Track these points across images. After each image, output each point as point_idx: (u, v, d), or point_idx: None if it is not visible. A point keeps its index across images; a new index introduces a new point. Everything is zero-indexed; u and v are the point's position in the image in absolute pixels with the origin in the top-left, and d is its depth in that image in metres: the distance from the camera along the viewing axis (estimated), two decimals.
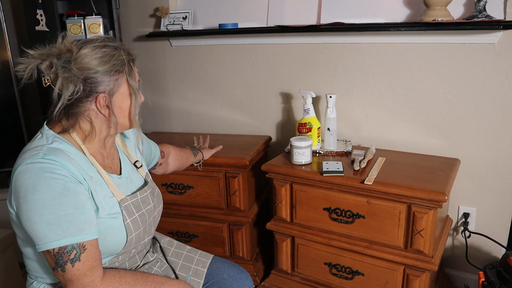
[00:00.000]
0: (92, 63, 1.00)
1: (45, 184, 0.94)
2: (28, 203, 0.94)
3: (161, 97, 2.32)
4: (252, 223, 1.86)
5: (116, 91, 1.04)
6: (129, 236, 1.08)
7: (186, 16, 2.09)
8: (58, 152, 1.00)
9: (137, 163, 1.24)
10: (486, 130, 1.65)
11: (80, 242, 0.96)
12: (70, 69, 0.98)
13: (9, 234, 1.65)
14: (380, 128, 1.86)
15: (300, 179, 1.59)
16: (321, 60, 1.89)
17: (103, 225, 1.03)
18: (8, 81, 2.11)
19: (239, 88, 2.12)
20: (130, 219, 1.09)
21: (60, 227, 0.94)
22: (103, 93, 1.02)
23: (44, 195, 0.94)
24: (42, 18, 1.91)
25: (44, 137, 1.04)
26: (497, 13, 1.51)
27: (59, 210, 0.95)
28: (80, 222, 0.96)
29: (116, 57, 1.03)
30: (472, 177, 1.72)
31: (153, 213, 1.19)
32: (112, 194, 1.08)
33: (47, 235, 0.94)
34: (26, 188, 0.95)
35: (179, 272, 1.27)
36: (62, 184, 0.96)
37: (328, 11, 1.83)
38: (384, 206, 1.45)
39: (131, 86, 1.06)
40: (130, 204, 1.10)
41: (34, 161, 0.96)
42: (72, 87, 0.99)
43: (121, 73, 1.04)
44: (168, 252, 1.31)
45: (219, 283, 1.29)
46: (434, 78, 1.70)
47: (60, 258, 0.95)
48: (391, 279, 1.50)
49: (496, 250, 1.73)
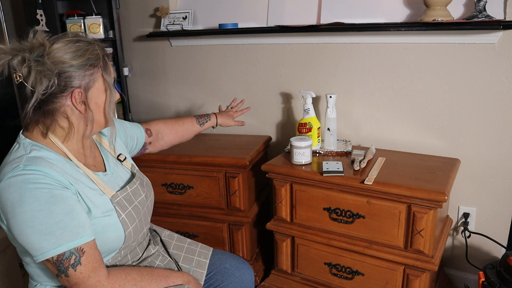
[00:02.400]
0: (66, 57, 0.97)
1: (30, 196, 0.92)
2: (16, 217, 0.93)
3: (161, 97, 2.32)
4: (252, 223, 1.86)
5: (91, 86, 1.02)
6: (126, 230, 1.08)
7: (186, 16, 2.09)
8: (38, 160, 0.97)
9: (121, 156, 1.23)
10: (486, 130, 1.65)
11: (77, 246, 0.95)
12: (44, 62, 0.95)
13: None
14: (380, 128, 1.86)
15: (300, 179, 1.59)
16: (321, 60, 1.89)
17: (99, 224, 1.03)
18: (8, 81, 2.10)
19: (239, 88, 2.12)
20: (124, 213, 1.08)
21: (54, 235, 0.93)
22: (78, 88, 0.99)
23: (31, 207, 0.92)
24: (42, 18, 1.91)
25: (21, 147, 1.01)
26: (497, 13, 1.51)
27: (49, 219, 0.93)
28: (73, 226, 0.95)
29: (90, 51, 1.00)
30: (472, 177, 1.72)
31: (146, 203, 1.19)
32: (102, 192, 1.07)
33: (42, 246, 0.93)
34: (12, 202, 0.93)
35: (182, 264, 1.28)
36: (48, 192, 0.94)
37: (328, 11, 1.83)
38: (384, 206, 1.45)
39: (106, 81, 1.04)
40: (122, 199, 1.10)
41: (15, 173, 0.94)
42: (46, 81, 0.96)
43: (96, 67, 1.02)
44: (170, 245, 1.31)
45: (221, 272, 1.30)
46: (434, 78, 1.70)
47: (61, 265, 0.94)
48: (391, 279, 1.50)
49: (496, 250, 1.73)
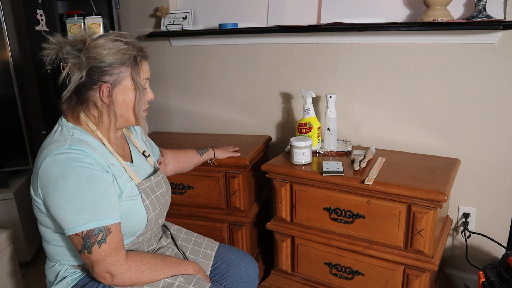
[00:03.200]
0: (101, 54, 1.07)
1: (73, 172, 1.02)
2: (58, 190, 1.01)
3: (161, 97, 2.32)
4: (252, 223, 1.86)
5: (118, 83, 1.10)
6: (148, 215, 1.16)
7: (186, 16, 2.09)
8: (82, 142, 1.07)
9: (145, 153, 1.32)
10: (486, 130, 1.65)
11: (106, 225, 1.03)
12: (79, 56, 1.07)
13: (9, 234, 1.65)
14: (380, 128, 1.86)
15: (300, 179, 1.59)
16: (321, 60, 1.89)
17: (125, 207, 1.11)
18: (8, 81, 2.10)
19: (239, 88, 2.12)
20: (148, 200, 1.17)
21: (88, 211, 1.01)
22: (106, 83, 1.09)
23: (73, 182, 1.01)
24: (42, 18, 1.91)
25: (64, 129, 1.11)
26: (497, 13, 1.51)
27: (86, 196, 1.02)
28: (106, 207, 1.04)
29: (124, 51, 1.09)
30: (472, 177, 1.72)
31: (165, 196, 1.27)
32: (130, 178, 1.16)
33: (75, 220, 1.01)
34: (56, 176, 1.01)
35: (189, 255, 1.34)
36: (89, 172, 1.03)
37: (328, 11, 1.83)
38: (384, 206, 1.45)
39: (135, 80, 1.11)
40: (146, 188, 1.19)
41: (61, 151, 1.03)
42: (77, 73, 1.07)
43: (126, 66, 1.10)
44: (178, 238, 1.39)
45: (227, 263, 1.36)
46: (434, 78, 1.70)
47: (88, 240, 1.02)
48: (391, 279, 1.50)
49: (496, 250, 1.74)
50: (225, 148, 1.77)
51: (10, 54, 2.10)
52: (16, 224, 2.11)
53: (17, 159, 2.20)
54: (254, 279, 1.39)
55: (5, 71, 2.10)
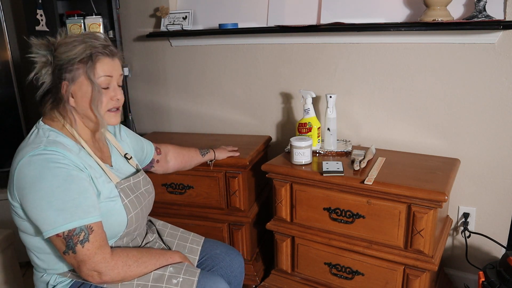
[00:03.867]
0: (62, 51, 1.08)
1: (50, 173, 1.00)
2: (36, 192, 1.00)
3: (161, 97, 2.32)
4: (252, 223, 1.86)
5: (75, 80, 1.09)
6: (128, 215, 1.15)
7: (186, 16, 2.09)
8: (57, 143, 1.06)
9: (127, 155, 1.31)
10: (486, 130, 1.65)
11: (87, 224, 1.02)
12: (45, 55, 1.09)
13: (9, 234, 1.65)
14: (380, 128, 1.86)
15: (300, 179, 1.59)
16: (321, 60, 1.89)
17: (104, 208, 1.10)
18: (8, 81, 2.11)
19: (239, 88, 2.12)
20: (127, 199, 1.16)
21: (68, 211, 1.00)
22: (65, 80, 1.09)
23: (51, 183, 1.00)
24: (42, 18, 1.91)
25: (40, 131, 1.11)
26: (497, 13, 1.51)
27: (65, 196, 1.01)
28: (86, 205, 1.03)
29: (82, 48, 1.08)
30: (472, 177, 1.72)
31: (147, 197, 1.26)
32: (109, 179, 1.15)
33: (56, 220, 1.00)
34: (32, 178, 1.00)
35: (175, 250, 1.33)
36: (66, 172, 1.02)
37: (328, 11, 1.83)
38: (384, 206, 1.45)
39: (89, 78, 1.09)
40: (125, 187, 1.18)
41: (37, 153, 1.02)
42: (43, 71, 1.10)
43: (82, 63, 1.08)
44: (164, 233, 1.39)
45: (212, 257, 1.37)
46: (434, 78, 1.70)
47: (70, 241, 1.01)
48: (391, 279, 1.50)
49: (496, 250, 1.74)
50: (224, 148, 1.77)
51: (10, 54, 2.10)
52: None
53: None
54: (240, 273, 1.40)
55: (5, 71, 2.10)
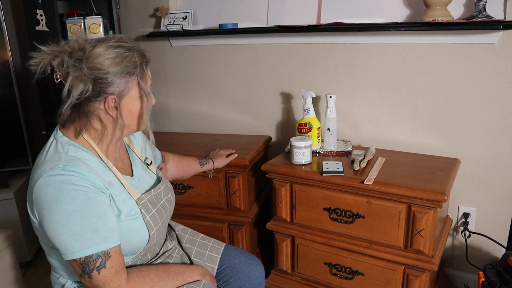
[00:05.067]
0: (104, 64, 0.99)
1: (68, 196, 0.96)
2: (52, 215, 0.96)
3: (161, 97, 2.32)
4: (252, 223, 1.86)
5: (126, 94, 1.03)
6: (150, 232, 1.11)
7: (186, 16, 2.09)
8: (76, 161, 1.00)
9: (147, 160, 1.26)
10: (486, 130, 1.65)
11: (105, 250, 0.98)
12: (81, 68, 0.98)
13: (9, 234, 1.65)
14: (380, 128, 1.86)
15: (300, 179, 1.59)
16: (321, 60, 1.89)
17: (125, 227, 1.06)
18: (8, 81, 2.10)
19: (239, 88, 2.12)
20: (149, 215, 1.11)
21: (85, 236, 0.96)
22: (112, 94, 1.01)
23: (67, 207, 0.95)
24: (42, 18, 1.90)
25: (59, 145, 1.03)
26: (497, 13, 1.51)
27: (83, 221, 0.96)
28: (104, 230, 0.99)
29: (128, 59, 1.01)
30: (472, 177, 1.72)
31: (168, 208, 1.22)
32: (130, 195, 1.10)
33: (73, 245, 0.96)
34: (50, 200, 0.96)
35: (194, 258, 1.30)
36: (84, 195, 0.97)
37: (328, 11, 1.83)
38: (384, 206, 1.45)
39: (142, 89, 1.05)
40: (147, 202, 1.13)
41: (55, 173, 0.97)
42: (81, 86, 0.98)
43: (133, 75, 1.03)
44: (183, 239, 1.34)
45: (231, 267, 1.32)
46: (434, 78, 1.70)
47: (87, 267, 0.97)
48: (391, 279, 1.50)
49: (496, 250, 1.74)
50: (222, 154, 1.73)
51: (10, 54, 2.10)
52: (16, 224, 2.11)
53: (17, 159, 2.20)
54: (259, 284, 1.35)
55: (5, 71, 2.10)
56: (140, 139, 1.31)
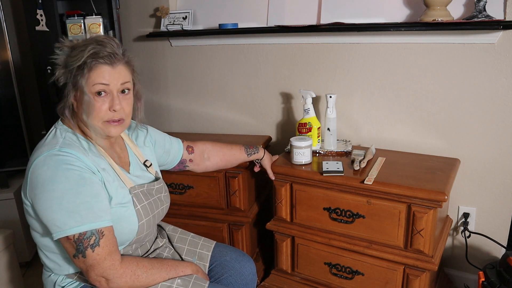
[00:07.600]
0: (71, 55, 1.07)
1: (62, 175, 1.00)
2: (46, 193, 0.99)
3: (161, 97, 2.32)
4: (252, 223, 1.86)
5: (76, 86, 1.08)
6: (140, 221, 1.13)
7: (186, 16, 2.09)
8: (73, 145, 1.06)
9: (147, 162, 1.28)
10: (486, 130, 1.65)
11: (98, 228, 1.01)
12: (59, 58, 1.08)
13: (9, 234, 1.65)
14: (380, 128, 1.86)
15: (300, 179, 1.59)
16: (321, 60, 1.89)
17: (115, 214, 1.08)
18: (8, 81, 2.11)
19: (239, 88, 2.12)
20: (140, 205, 1.14)
21: (79, 213, 0.99)
22: (70, 85, 1.08)
23: (62, 185, 0.99)
24: (42, 18, 1.90)
25: (58, 132, 1.10)
26: (497, 13, 1.51)
27: (77, 199, 1.00)
28: (97, 209, 1.02)
29: (81, 55, 1.06)
30: (472, 177, 1.72)
31: (160, 206, 1.23)
32: (123, 184, 1.13)
33: (66, 222, 0.99)
34: (44, 179, 1.00)
35: (185, 256, 1.32)
36: (79, 174, 1.02)
37: (328, 11, 1.83)
38: (384, 206, 1.45)
39: (81, 85, 1.07)
40: (139, 192, 1.16)
41: (51, 153, 1.02)
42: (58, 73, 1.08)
43: (80, 70, 1.06)
44: (174, 238, 1.37)
45: (222, 265, 1.34)
46: (434, 78, 1.70)
47: (81, 244, 1.00)
48: (391, 279, 1.50)
49: (496, 250, 1.74)
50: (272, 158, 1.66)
51: (10, 54, 2.10)
52: (16, 224, 2.11)
53: (17, 159, 2.20)
54: (251, 280, 1.36)
55: (5, 71, 2.10)
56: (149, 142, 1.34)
